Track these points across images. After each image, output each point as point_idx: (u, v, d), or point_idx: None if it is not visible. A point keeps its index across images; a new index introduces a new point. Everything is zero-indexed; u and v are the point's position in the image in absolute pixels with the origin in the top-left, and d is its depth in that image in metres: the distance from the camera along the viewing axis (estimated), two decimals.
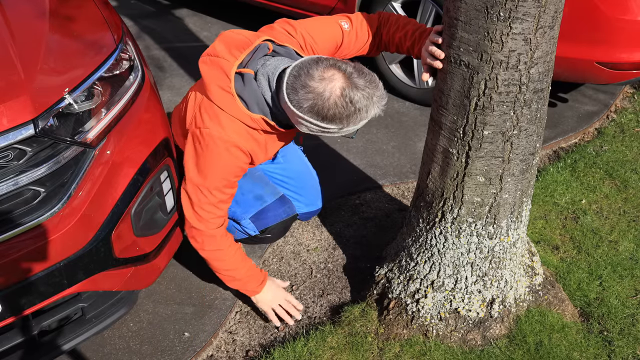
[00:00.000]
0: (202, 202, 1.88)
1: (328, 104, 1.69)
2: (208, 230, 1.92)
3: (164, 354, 2.04)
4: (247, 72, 1.80)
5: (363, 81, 1.72)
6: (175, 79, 3.73)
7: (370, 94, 1.73)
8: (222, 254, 1.99)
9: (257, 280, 2.08)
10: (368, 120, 1.79)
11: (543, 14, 1.54)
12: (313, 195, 2.43)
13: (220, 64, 1.81)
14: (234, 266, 2.02)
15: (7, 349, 1.66)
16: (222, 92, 1.79)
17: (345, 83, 1.70)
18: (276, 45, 1.89)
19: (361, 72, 1.74)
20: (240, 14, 4.57)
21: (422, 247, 2.00)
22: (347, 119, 1.73)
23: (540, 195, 2.74)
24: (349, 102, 1.70)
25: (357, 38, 2.00)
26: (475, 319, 2.00)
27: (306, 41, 1.94)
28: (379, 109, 1.78)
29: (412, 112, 3.43)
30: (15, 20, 1.75)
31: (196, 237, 1.95)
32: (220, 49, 1.84)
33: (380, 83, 1.78)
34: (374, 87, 1.75)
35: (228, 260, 2.00)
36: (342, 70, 1.71)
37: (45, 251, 1.54)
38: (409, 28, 1.94)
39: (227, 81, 1.79)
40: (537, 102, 1.71)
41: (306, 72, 1.70)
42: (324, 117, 1.71)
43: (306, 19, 2.00)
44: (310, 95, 1.69)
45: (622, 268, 2.35)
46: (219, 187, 1.87)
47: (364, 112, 1.74)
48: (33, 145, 1.50)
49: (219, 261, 2.00)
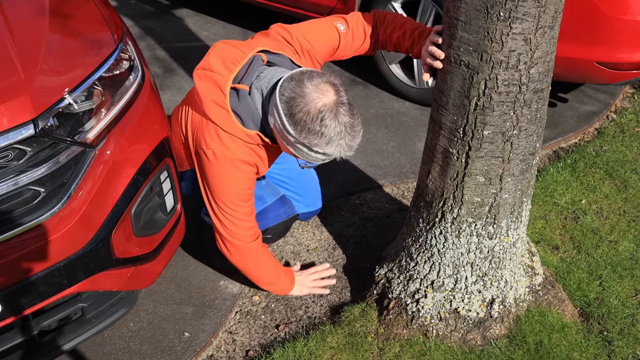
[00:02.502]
0: (228, 218, 1.92)
1: (302, 106, 1.66)
2: (244, 244, 1.98)
3: (164, 354, 2.04)
4: (242, 87, 1.79)
5: (347, 119, 1.69)
6: (175, 79, 3.73)
7: (343, 134, 1.68)
8: (262, 266, 2.08)
9: (288, 282, 2.18)
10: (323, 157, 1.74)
11: (543, 14, 1.54)
12: (313, 195, 2.43)
13: (215, 79, 1.79)
14: (270, 273, 2.12)
15: (7, 349, 1.65)
16: (217, 108, 1.79)
17: (331, 105, 1.67)
18: (271, 55, 1.87)
19: (353, 112, 1.71)
20: (240, 14, 4.57)
21: (422, 247, 2.00)
22: (307, 134, 1.67)
23: (540, 195, 2.74)
24: (319, 120, 1.65)
25: (354, 39, 1.99)
26: (475, 319, 2.00)
27: (303, 46, 1.93)
28: (340, 153, 1.72)
29: (412, 112, 3.43)
30: (15, 20, 1.75)
31: (235, 253, 2.01)
32: (214, 63, 1.81)
33: (359, 138, 1.74)
34: (352, 133, 1.71)
35: (267, 270, 2.11)
36: (339, 95, 1.69)
37: (45, 251, 1.54)
38: (407, 27, 1.93)
39: (222, 97, 1.78)
40: (537, 102, 1.71)
41: (309, 75, 1.69)
42: (291, 115, 1.68)
43: (302, 23, 1.98)
44: (298, 90, 1.67)
45: (622, 268, 2.35)
46: (235, 202, 1.90)
47: (324, 142, 1.68)
48: (33, 145, 1.50)
49: (258, 272, 2.11)
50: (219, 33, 4.32)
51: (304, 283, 2.24)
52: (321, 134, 1.67)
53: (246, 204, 1.93)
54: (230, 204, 1.90)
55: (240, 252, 2.01)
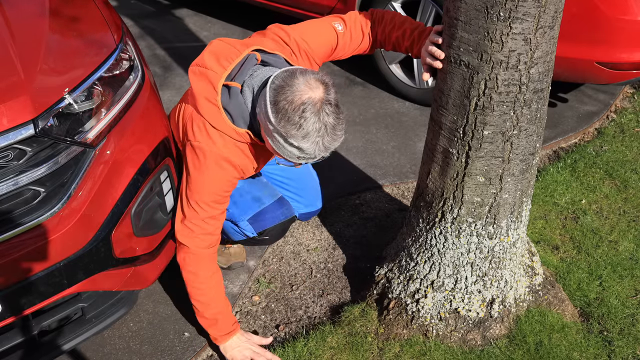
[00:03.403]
0: (192, 216, 1.85)
1: (287, 95, 1.64)
2: (194, 247, 1.88)
3: (164, 354, 2.04)
4: (234, 85, 1.78)
5: (331, 119, 1.66)
6: (175, 79, 3.73)
7: (321, 133, 1.65)
8: (198, 280, 1.92)
9: (222, 330, 1.97)
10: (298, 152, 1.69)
11: (543, 14, 1.54)
12: (313, 195, 2.43)
13: (208, 76, 1.78)
14: (206, 300, 1.95)
15: (7, 349, 1.65)
16: (209, 105, 1.78)
17: (316, 101, 1.64)
18: (265, 54, 1.85)
19: (338, 115, 1.68)
20: (240, 13, 4.57)
21: (422, 247, 2.00)
22: (286, 123, 1.65)
23: (540, 195, 2.74)
24: (300, 112, 1.63)
25: (352, 39, 1.98)
26: (475, 319, 2.00)
27: (300, 47, 1.92)
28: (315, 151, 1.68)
29: (412, 112, 3.43)
30: (15, 20, 1.75)
31: (180, 252, 1.91)
32: (208, 60, 1.81)
33: (338, 141, 1.71)
34: (332, 134, 1.68)
35: (203, 290, 1.93)
36: (327, 93, 1.66)
37: (45, 251, 1.54)
38: (406, 27, 1.92)
39: (213, 94, 1.77)
40: (537, 102, 1.71)
41: (302, 70, 1.69)
42: (275, 102, 1.66)
43: (299, 24, 1.97)
44: (288, 80, 1.66)
45: (622, 268, 2.35)
46: (207, 202, 1.84)
47: (300, 136, 1.65)
48: (33, 145, 1.50)
49: (194, 288, 1.93)
50: (219, 33, 4.32)
51: (243, 350, 1.99)
52: (299, 125, 1.64)
53: (218, 206, 1.87)
54: (202, 203, 1.84)
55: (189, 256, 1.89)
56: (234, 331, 2.00)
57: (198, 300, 1.95)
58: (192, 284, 1.93)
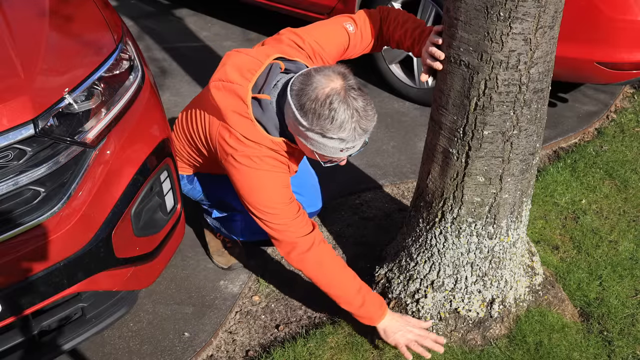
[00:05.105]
0: (274, 219, 1.82)
1: (310, 94, 1.64)
2: (299, 238, 1.82)
3: (164, 354, 2.04)
4: (264, 97, 1.77)
5: (359, 102, 1.64)
6: (175, 79, 3.73)
7: (355, 117, 1.63)
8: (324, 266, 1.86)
9: (375, 305, 1.90)
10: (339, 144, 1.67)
11: (543, 14, 1.54)
12: (313, 195, 2.43)
13: (235, 90, 1.77)
14: (343, 282, 1.88)
15: (7, 349, 1.65)
16: (240, 118, 1.77)
17: (339, 89, 1.64)
18: (287, 62, 1.85)
19: (364, 96, 1.66)
20: (240, 14, 4.57)
21: (422, 247, 2.00)
22: (318, 120, 1.64)
23: (540, 195, 2.74)
24: (328, 104, 1.62)
25: (362, 38, 1.99)
26: (475, 319, 2.00)
27: (315, 51, 1.92)
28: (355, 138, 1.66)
29: (412, 112, 3.43)
30: (15, 20, 1.75)
31: (296, 254, 1.85)
32: (231, 73, 1.79)
33: (374, 120, 1.68)
34: (365, 115, 1.65)
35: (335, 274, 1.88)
36: (346, 81, 1.65)
37: (45, 251, 1.54)
38: (408, 26, 1.93)
39: (244, 107, 1.76)
40: (537, 102, 1.71)
41: (317, 68, 1.70)
42: (301, 106, 1.66)
43: (311, 26, 1.97)
44: (306, 81, 1.66)
45: (622, 268, 2.35)
46: (278, 200, 1.82)
47: (336, 127, 1.63)
48: (33, 145, 1.50)
49: (325, 277, 1.88)
50: (219, 33, 4.32)
51: (406, 325, 1.91)
52: (332, 118, 1.63)
53: (287, 199, 1.83)
54: (273, 202, 1.80)
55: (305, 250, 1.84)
56: (384, 305, 1.92)
57: (336, 286, 1.88)
58: (321, 273, 1.87)
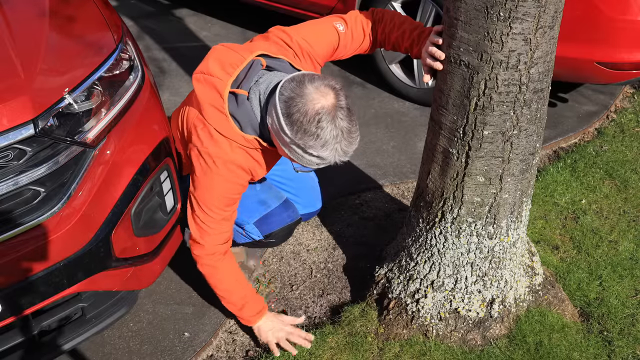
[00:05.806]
0: (205, 219, 1.86)
1: (300, 107, 1.64)
2: (209, 246, 1.90)
3: (164, 354, 2.04)
4: (240, 92, 1.77)
5: (345, 124, 1.66)
6: (175, 79, 3.73)
7: (339, 138, 1.66)
8: (218, 272, 1.96)
9: (253, 309, 2.01)
10: (317, 160, 1.70)
11: (543, 14, 1.54)
12: (312, 196, 2.43)
13: (214, 83, 1.78)
14: (229, 287, 1.98)
15: (7, 349, 1.65)
16: (215, 112, 1.78)
17: (329, 108, 1.65)
18: (270, 59, 1.85)
19: (352, 118, 1.69)
20: (240, 13, 4.57)
21: (422, 247, 2.00)
22: (303, 135, 1.65)
23: (540, 195, 2.74)
24: (316, 122, 1.63)
25: (353, 39, 1.98)
26: (475, 319, 2.00)
27: (303, 49, 1.91)
28: (335, 158, 1.69)
29: (412, 112, 3.43)
30: (15, 20, 1.75)
31: (195, 251, 1.93)
32: (213, 67, 1.80)
33: (355, 144, 1.71)
34: (348, 138, 1.68)
35: (224, 280, 1.98)
36: (338, 99, 1.67)
37: (45, 251, 1.54)
38: (405, 27, 1.91)
39: (220, 101, 1.77)
40: (537, 102, 1.71)
41: (310, 77, 1.68)
42: (288, 114, 1.66)
43: (301, 25, 1.97)
44: (298, 90, 1.66)
45: (622, 268, 2.35)
46: (219, 206, 1.85)
47: (319, 145, 1.65)
48: (33, 145, 1.50)
49: (215, 279, 1.97)
50: (219, 33, 4.32)
51: (276, 326, 2.03)
52: (317, 135, 1.64)
53: (228, 208, 1.88)
54: (214, 207, 1.85)
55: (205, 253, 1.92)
56: (264, 310, 2.03)
57: (222, 289, 1.99)
58: (212, 276, 1.97)
